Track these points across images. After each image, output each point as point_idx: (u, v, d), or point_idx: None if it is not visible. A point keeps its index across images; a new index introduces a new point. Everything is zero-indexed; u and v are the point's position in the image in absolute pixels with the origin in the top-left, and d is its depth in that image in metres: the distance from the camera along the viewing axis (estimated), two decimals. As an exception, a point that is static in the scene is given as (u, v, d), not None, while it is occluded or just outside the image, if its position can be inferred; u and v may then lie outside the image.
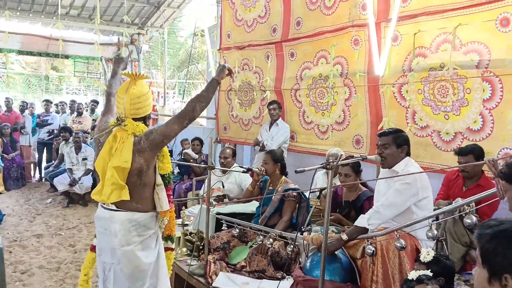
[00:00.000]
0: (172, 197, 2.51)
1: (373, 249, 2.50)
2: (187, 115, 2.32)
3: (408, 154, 2.87)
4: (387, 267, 2.54)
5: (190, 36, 11.08)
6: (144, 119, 2.39)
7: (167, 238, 2.60)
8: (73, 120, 8.76)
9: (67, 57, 10.36)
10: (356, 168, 3.57)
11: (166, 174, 2.44)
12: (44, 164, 8.84)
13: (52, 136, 8.79)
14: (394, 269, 2.55)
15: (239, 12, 6.35)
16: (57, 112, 9.58)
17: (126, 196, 2.25)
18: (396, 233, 2.45)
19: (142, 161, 2.28)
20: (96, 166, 2.36)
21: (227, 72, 2.56)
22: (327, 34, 4.94)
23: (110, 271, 2.37)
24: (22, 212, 6.32)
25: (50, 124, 9.05)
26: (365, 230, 2.63)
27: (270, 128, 5.57)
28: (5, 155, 7.84)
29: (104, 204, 2.37)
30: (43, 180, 8.54)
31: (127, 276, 2.33)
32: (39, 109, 12.17)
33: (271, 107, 5.48)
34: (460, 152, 3.42)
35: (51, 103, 10.02)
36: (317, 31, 5.07)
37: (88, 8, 9.05)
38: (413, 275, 2.07)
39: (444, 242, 3.08)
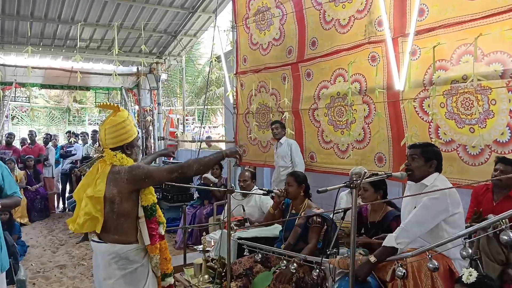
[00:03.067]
0: (158, 229, 2.39)
1: (404, 271, 2.36)
2: (180, 169, 2.28)
3: (438, 169, 2.74)
4: (420, 290, 2.39)
5: (208, 63, 11.23)
6: (123, 148, 2.37)
7: (164, 276, 2.45)
8: (95, 150, 8.86)
9: (88, 88, 10.60)
10: (374, 183, 3.40)
11: (148, 205, 2.34)
12: (67, 194, 8.95)
13: (75, 166, 8.91)
14: (427, 291, 2.40)
15: (254, 36, 6.40)
16: (84, 142, 9.75)
17: (98, 228, 2.22)
18: (427, 253, 2.31)
19: (115, 191, 2.24)
20: (74, 195, 2.37)
21: (236, 155, 2.54)
22: (344, 52, 4.89)
23: None
24: (45, 243, 6.35)
25: (73, 155, 9.21)
26: (394, 250, 2.49)
27: (276, 148, 5.59)
28: (29, 187, 7.95)
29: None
30: (67, 210, 8.62)
31: None
32: (62, 141, 12.43)
33: (273, 126, 5.50)
34: (504, 160, 3.25)
35: (75, 134, 10.22)
36: (333, 50, 5.04)
37: (107, 40, 9.28)
38: None
39: (478, 261, 2.91)
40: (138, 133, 2.57)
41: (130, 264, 2.28)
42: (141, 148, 2.60)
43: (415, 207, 2.63)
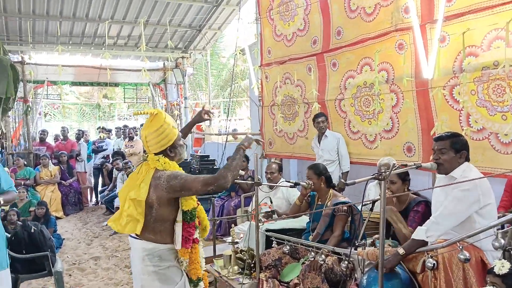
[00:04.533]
0: (194, 234, 2.40)
1: (434, 262, 2.34)
2: (216, 182, 2.22)
3: (467, 159, 2.68)
4: (451, 281, 2.36)
5: (232, 56, 11.26)
6: (166, 151, 2.41)
7: (194, 282, 2.46)
8: (125, 145, 9.09)
9: (116, 85, 10.79)
10: (401, 175, 3.36)
11: (188, 210, 2.37)
12: (99, 188, 9.22)
13: (107, 161, 9.16)
14: (458, 283, 2.36)
15: (278, 28, 6.37)
16: (118, 136, 9.98)
17: (138, 230, 2.28)
18: (458, 244, 2.27)
19: (154, 197, 2.29)
20: (119, 194, 2.45)
21: (253, 142, 2.52)
22: (370, 41, 4.81)
23: None
24: (80, 236, 6.57)
25: (104, 150, 9.46)
26: (423, 243, 2.47)
27: (319, 141, 5.46)
28: (63, 182, 8.22)
29: None
30: (99, 204, 8.88)
31: None
32: (93, 136, 12.76)
33: (320, 119, 5.34)
34: None
35: (105, 130, 10.48)
36: (359, 39, 4.96)
37: (134, 37, 9.43)
38: None
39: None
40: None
41: (162, 262, 2.34)
42: (186, 145, 2.61)
43: (446, 199, 2.58)
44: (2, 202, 2.93)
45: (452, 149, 2.64)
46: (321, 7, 5.53)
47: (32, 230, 4.16)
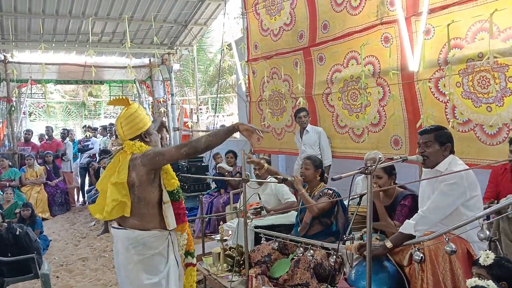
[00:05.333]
0: (186, 211, 2.51)
1: (421, 255, 2.34)
2: (189, 144, 2.29)
3: (452, 151, 2.69)
4: (438, 273, 2.36)
5: (219, 51, 11.19)
6: (141, 137, 2.45)
7: (186, 253, 2.58)
8: (112, 143, 8.99)
9: (102, 82, 10.66)
10: (388, 169, 3.36)
11: (174, 190, 2.43)
12: (86, 188, 9.11)
13: (93, 160, 9.05)
14: (445, 275, 2.37)
15: (265, 22, 6.33)
16: (104, 135, 9.85)
17: (127, 211, 2.29)
18: (444, 236, 2.28)
19: (134, 175, 2.32)
20: (97, 186, 2.48)
21: (252, 129, 2.31)
22: (356, 34, 4.81)
23: None
24: (67, 237, 6.48)
25: (90, 149, 9.34)
26: (411, 237, 2.47)
27: (301, 136, 5.48)
28: (49, 182, 8.11)
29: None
30: (87, 203, 8.77)
31: None
32: (79, 135, 12.61)
33: (302, 114, 5.39)
34: None
35: (91, 128, 10.35)
36: (345, 33, 4.96)
37: (118, 33, 9.31)
38: (471, 283, 1.91)
39: (497, 243, 2.86)
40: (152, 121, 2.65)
41: (148, 250, 2.35)
42: (158, 135, 2.62)
43: (433, 193, 2.59)
44: None
45: (437, 142, 2.65)
46: (307, 1, 5.51)
47: (18, 233, 4.10)
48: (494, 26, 3.46)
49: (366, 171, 2.14)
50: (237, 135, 9.93)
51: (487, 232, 2.13)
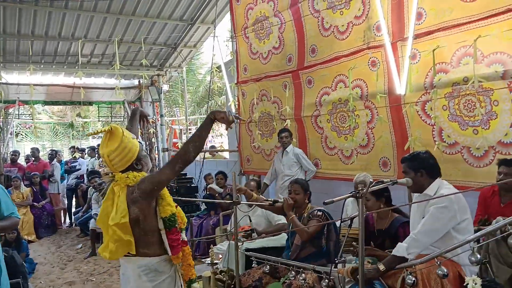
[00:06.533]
0: (179, 239, 2.37)
1: (414, 279, 2.35)
2: (180, 159, 2.21)
3: (434, 175, 2.75)
4: (430, 297, 2.38)
5: (208, 73, 11.27)
6: (133, 166, 2.32)
7: (189, 283, 2.48)
8: (99, 164, 8.91)
9: (90, 103, 10.62)
10: (375, 192, 3.38)
11: (166, 217, 2.31)
12: (73, 209, 8.98)
13: (80, 181, 8.94)
14: (437, 299, 2.38)
15: (254, 46, 6.42)
16: (92, 156, 9.76)
17: (132, 249, 2.23)
18: (436, 259, 2.30)
19: (137, 211, 2.23)
20: (98, 223, 2.38)
21: (226, 116, 2.28)
22: (343, 58, 4.91)
23: None
24: (53, 260, 6.35)
25: (78, 170, 9.25)
26: (403, 260, 2.49)
27: (282, 156, 5.58)
28: (36, 204, 7.98)
29: None
30: (74, 225, 8.64)
31: None
32: (67, 156, 12.47)
33: (283, 134, 5.52)
34: (506, 162, 3.24)
35: (79, 149, 10.26)
36: (332, 57, 5.05)
37: (108, 55, 9.34)
38: None
39: (488, 265, 2.89)
40: (141, 144, 2.48)
41: (159, 275, 2.30)
42: (148, 155, 2.53)
43: (423, 216, 2.63)
44: None
45: (411, 170, 2.77)
46: (295, 26, 5.61)
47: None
48: (478, 52, 3.56)
49: (358, 195, 2.16)
50: (226, 155, 9.87)
51: (478, 256, 2.15)
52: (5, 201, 2.88)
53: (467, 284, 2.04)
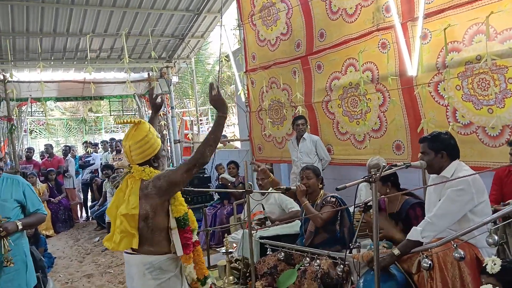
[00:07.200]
0: (192, 238, 2.37)
1: (430, 262, 2.32)
2: (196, 162, 2.23)
3: (454, 157, 2.68)
4: (447, 280, 2.34)
5: (217, 62, 11.23)
6: (150, 162, 2.34)
7: (201, 281, 2.45)
8: (113, 158, 8.99)
9: (101, 98, 10.69)
10: (382, 176, 3.29)
11: (180, 217, 2.32)
12: (89, 203, 9.10)
13: (95, 176, 9.04)
14: (454, 282, 2.34)
15: (261, 33, 6.36)
16: (105, 150, 9.85)
17: (135, 244, 2.23)
18: (453, 242, 2.26)
19: (148, 207, 2.23)
20: (107, 213, 2.38)
21: (223, 99, 2.29)
22: (353, 41, 4.83)
23: None
24: (72, 253, 6.45)
25: (92, 164, 9.35)
26: (418, 243, 2.45)
27: (298, 143, 5.50)
28: (52, 199, 8.10)
29: None
30: (90, 219, 8.76)
31: None
32: (81, 151, 12.62)
33: (300, 122, 5.43)
34: None
35: (92, 144, 10.36)
36: (342, 40, 4.97)
37: (116, 49, 9.33)
38: None
39: (506, 246, 2.84)
40: (162, 145, 2.50)
41: (164, 274, 2.29)
42: (166, 156, 2.54)
43: (440, 199, 2.57)
44: (20, 227, 2.77)
45: (431, 150, 2.67)
46: (303, 10, 5.53)
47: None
48: (491, 28, 3.47)
49: (371, 179, 2.13)
50: (238, 144, 9.87)
51: (496, 237, 2.11)
52: (31, 198, 2.92)
53: (486, 265, 2.00)
